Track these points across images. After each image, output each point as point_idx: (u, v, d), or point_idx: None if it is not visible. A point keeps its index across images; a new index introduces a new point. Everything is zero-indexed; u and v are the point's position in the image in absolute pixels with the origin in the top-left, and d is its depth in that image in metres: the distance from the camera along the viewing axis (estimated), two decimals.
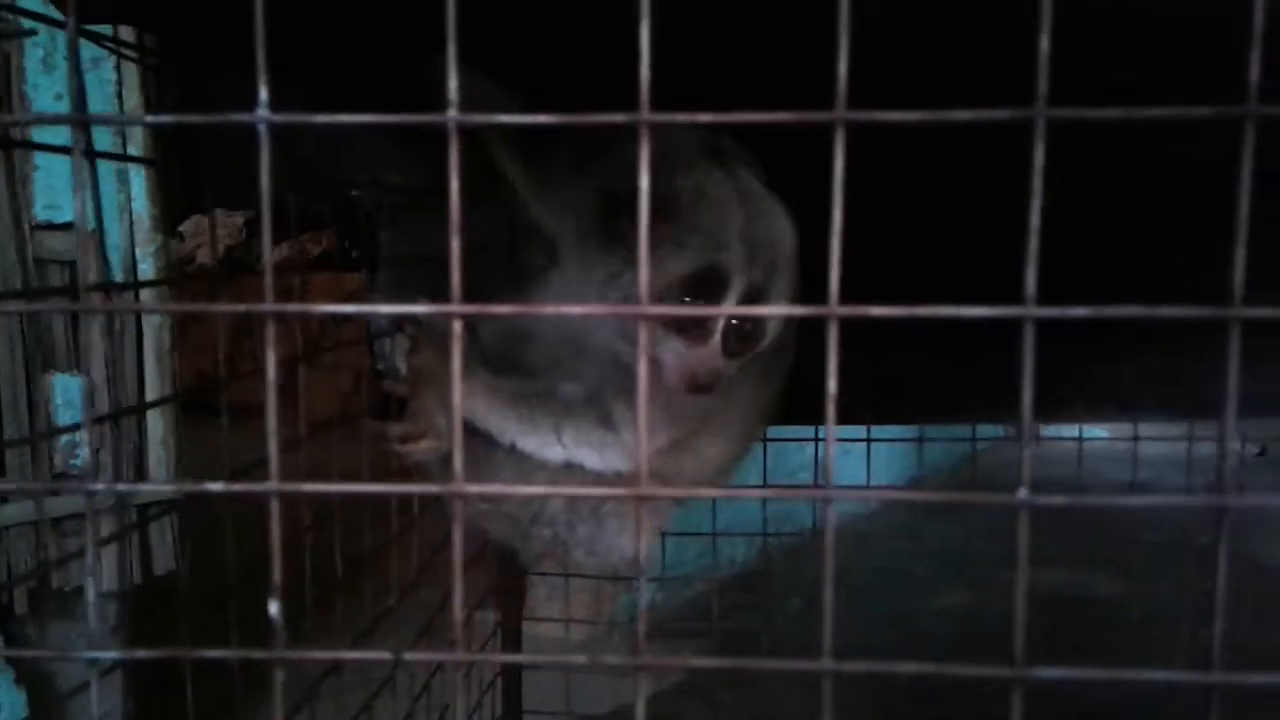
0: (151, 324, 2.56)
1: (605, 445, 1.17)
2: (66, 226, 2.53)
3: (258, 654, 0.51)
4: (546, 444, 1.19)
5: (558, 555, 1.29)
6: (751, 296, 1.08)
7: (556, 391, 1.20)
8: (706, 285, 1.07)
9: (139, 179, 2.48)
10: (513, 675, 1.75)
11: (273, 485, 0.50)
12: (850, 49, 0.47)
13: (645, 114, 0.48)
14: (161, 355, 2.63)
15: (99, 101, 2.35)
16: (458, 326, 0.50)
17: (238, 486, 0.50)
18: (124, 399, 2.61)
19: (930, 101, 0.50)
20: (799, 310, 0.48)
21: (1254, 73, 0.47)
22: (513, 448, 1.20)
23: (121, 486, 0.57)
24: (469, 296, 1.61)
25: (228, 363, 1.34)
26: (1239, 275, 0.47)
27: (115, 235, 2.53)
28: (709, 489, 1.09)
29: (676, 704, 2.74)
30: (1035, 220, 0.47)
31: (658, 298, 1.05)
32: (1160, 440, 2.22)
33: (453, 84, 0.48)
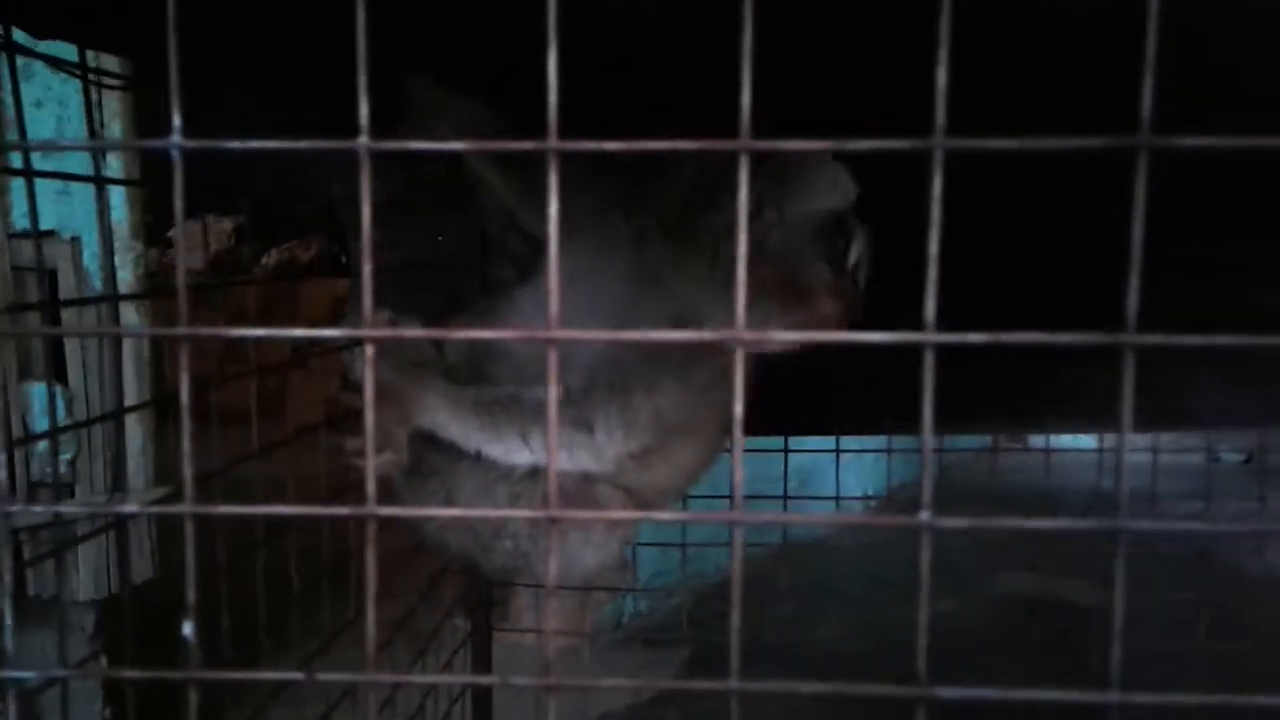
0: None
1: (575, 446, 1.17)
2: (46, 235, 2.53)
3: (171, 675, 0.51)
4: (513, 449, 1.19)
5: (520, 569, 1.30)
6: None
7: (522, 397, 1.20)
8: (838, 228, 1.14)
9: (118, 188, 2.48)
10: (482, 687, 1.75)
11: (186, 507, 0.51)
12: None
13: (553, 142, 0.49)
14: (141, 364, 2.63)
15: (75, 119, 2.36)
16: (370, 351, 0.51)
17: (154, 509, 0.51)
18: (103, 407, 2.61)
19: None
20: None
21: (1147, 101, 0.47)
22: (478, 456, 1.20)
23: (38, 509, 0.58)
24: (436, 309, 1.61)
25: (219, 368, 1.34)
26: (1133, 303, 0.48)
27: (95, 244, 2.54)
28: (623, 512, 1.09)
29: (655, 712, 2.74)
30: (934, 249, 0.48)
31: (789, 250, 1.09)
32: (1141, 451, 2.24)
33: (364, 110, 0.49)
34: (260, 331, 0.48)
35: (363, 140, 0.49)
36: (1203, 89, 0.89)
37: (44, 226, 2.54)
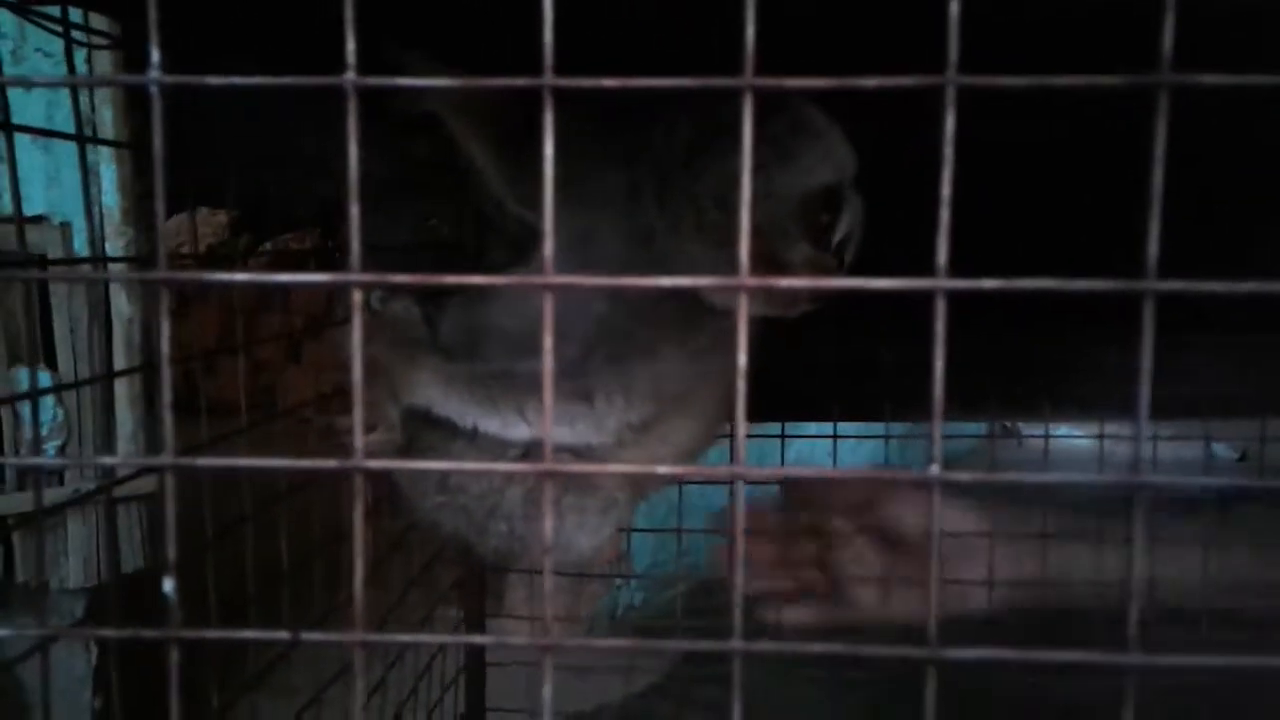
0: (121, 318, 2.54)
1: (575, 418, 1.15)
2: (36, 220, 2.51)
3: (150, 634, 0.49)
4: (510, 423, 1.16)
5: (515, 552, 1.28)
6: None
7: (517, 370, 1.18)
8: (825, 204, 1.09)
9: (109, 172, 2.46)
10: (475, 671, 1.73)
11: (167, 459, 0.49)
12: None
13: (549, 79, 0.47)
14: (132, 350, 2.61)
15: (66, 102, 2.33)
16: (357, 296, 0.49)
17: (135, 460, 0.49)
18: (94, 395, 2.58)
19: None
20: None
21: (1167, 40, 0.46)
22: (475, 432, 1.18)
23: (14, 460, 0.56)
24: (430, 294, 1.58)
25: (212, 359, 1.32)
26: (1153, 248, 0.46)
27: (85, 230, 2.51)
28: (620, 465, 1.07)
29: (649, 703, 2.72)
30: (947, 191, 0.46)
31: (771, 224, 1.05)
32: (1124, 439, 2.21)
33: (350, 47, 0.47)
34: (241, 276, 0.46)
35: (349, 76, 0.47)
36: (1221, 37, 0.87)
37: (34, 211, 2.51)
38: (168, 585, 0.49)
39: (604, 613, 3.72)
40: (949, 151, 0.46)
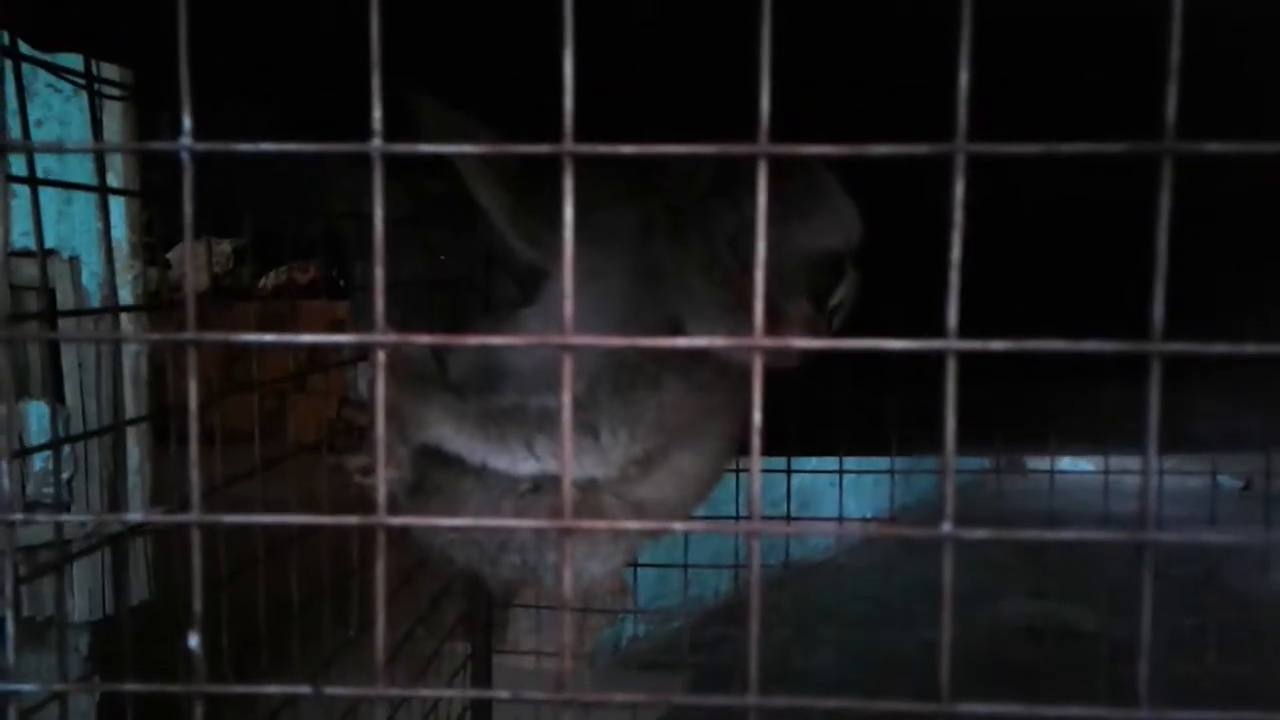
0: (129, 351, 2.55)
1: (581, 452, 1.16)
2: (48, 254, 2.53)
3: (175, 689, 0.50)
4: (518, 459, 1.17)
5: (527, 582, 1.28)
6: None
7: (526, 406, 1.19)
8: (830, 267, 1.13)
9: (118, 206, 2.48)
10: (482, 709, 1.73)
11: (194, 516, 0.50)
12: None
13: (569, 145, 0.48)
14: (139, 383, 2.62)
15: (77, 137, 2.36)
16: (382, 357, 0.50)
17: (157, 518, 0.50)
18: (101, 427, 2.59)
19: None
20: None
21: (1170, 108, 0.47)
22: (483, 468, 1.19)
23: (41, 518, 0.57)
24: (440, 329, 1.60)
25: (217, 388, 1.33)
26: (1158, 311, 0.47)
27: (94, 263, 2.53)
28: (636, 522, 1.08)
29: None
30: (956, 254, 0.47)
31: (776, 276, 1.07)
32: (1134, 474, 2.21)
33: (377, 114, 0.48)
34: (269, 337, 0.48)
35: (376, 143, 0.48)
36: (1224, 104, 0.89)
37: (45, 245, 2.53)
38: (193, 641, 0.50)
39: (607, 646, 3.71)
40: (959, 216, 0.47)
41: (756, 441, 0.49)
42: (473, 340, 0.47)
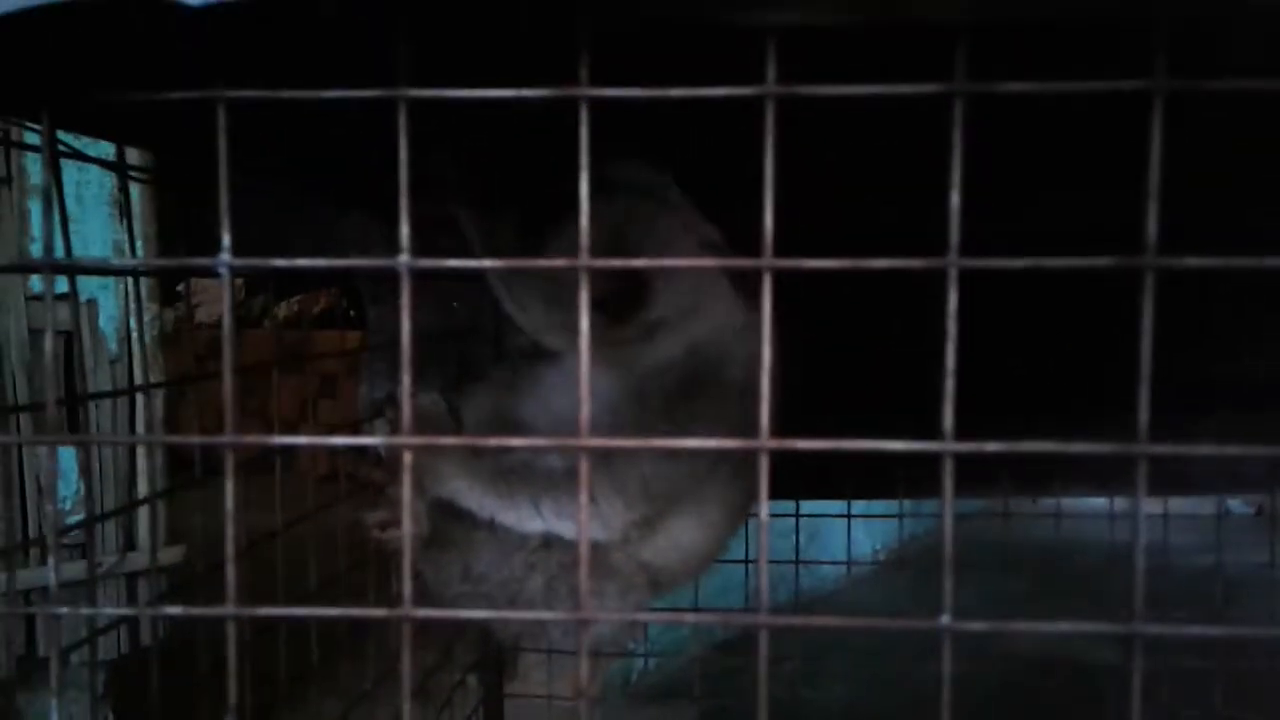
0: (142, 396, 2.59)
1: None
2: (62, 298, 2.57)
3: None
4: (526, 517, 1.19)
5: (536, 635, 1.30)
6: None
7: (535, 466, 1.22)
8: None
9: (138, 250, 2.52)
10: None
11: (230, 610, 0.52)
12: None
13: (585, 260, 0.51)
14: (154, 423, 2.65)
15: (97, 179, 2.41)
16: (408, 459, 0.52)
17: (196, 612, 0.52)
18: (116, 469, 2.63)
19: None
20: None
21: (1151, 225, 0.50)
22: (492, 524, 1.21)
23: (85, 610, 0.59)
24: (451, 379, 1.61)
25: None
26: (1144, 415, 0.50)
27: (110, 306, 2.57)
28: (649, 614, 1.10)
29: None
30: (951, 362, 0.50)
31: None
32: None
33: (404, 231, 0.51)
34: (303, 440, 0.50)
35: (404, 259, 0.51)
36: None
37: (61, 289, 2.58)
38: None
39: (617, 680, 3.71)
40: (952, 328, 0.50)
41: (765, 537, 0.52)
42: (493, 442, 0.50)
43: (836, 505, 1.99)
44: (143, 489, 2.65)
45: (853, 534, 2.04)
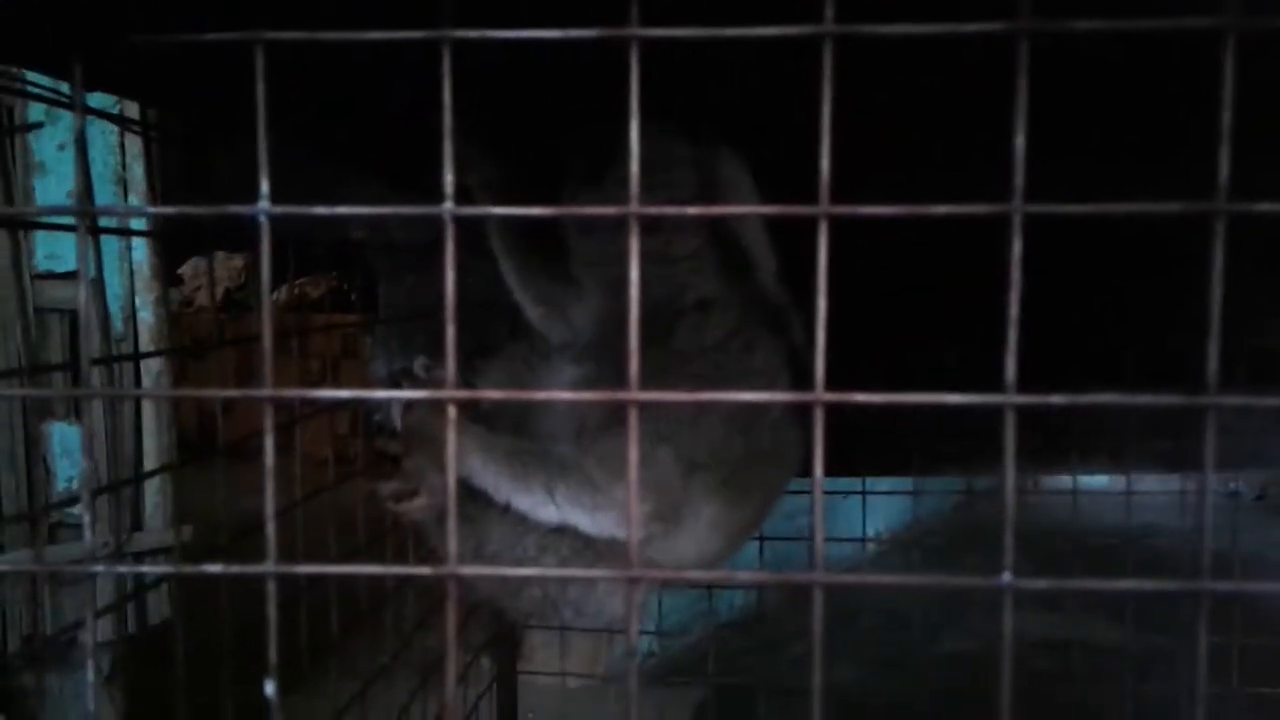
0: (150, 373, 2.58)
1: (597, 508, 1.16)
2: (68, 276, 2.56)
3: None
4: (539, 504, 1.18)
5: (547, 614, 1.29)
6: None
7: (550, 452, 1.20)
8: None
9: (139, 227, 2.51)
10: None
11: (270, 567, 0.51)
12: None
13: (634, 206, 0.49)
14: (160, 406, 2.64)
15: (101, 155, 2.39)
16: (452, 412, 0.51)
17: (235, 569, 0.51)
18: (122, 449, 2.62)
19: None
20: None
21: (1224, 169, 0.48)
22: (507, 507, 1.19)
23: (123, 568, 0.58)
24: (467, 352, 1.61)
25: (229, 405, 1.34)
26: (1213, 365, 0.49)
27: (115, 285, 2.55)
28: (702, 572, 1.08)
29: None
30: (1014, 311, 0.49)
31: None
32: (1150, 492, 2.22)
33: (449, 178, 0.50)
34: (344, 394, 0.49)
35: (448, 206, 0.50)
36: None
37: (66, 268, 2.56)
38: (269, 689, 0.51)
39: (623, 662, 3.71)
40: (1016, 275, 0.48)
41: (820, 494, 0.50)
42: (540, 396, 0.49)
43: (845, 484, 1.99)
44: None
45: (857, 515, 2.03)
